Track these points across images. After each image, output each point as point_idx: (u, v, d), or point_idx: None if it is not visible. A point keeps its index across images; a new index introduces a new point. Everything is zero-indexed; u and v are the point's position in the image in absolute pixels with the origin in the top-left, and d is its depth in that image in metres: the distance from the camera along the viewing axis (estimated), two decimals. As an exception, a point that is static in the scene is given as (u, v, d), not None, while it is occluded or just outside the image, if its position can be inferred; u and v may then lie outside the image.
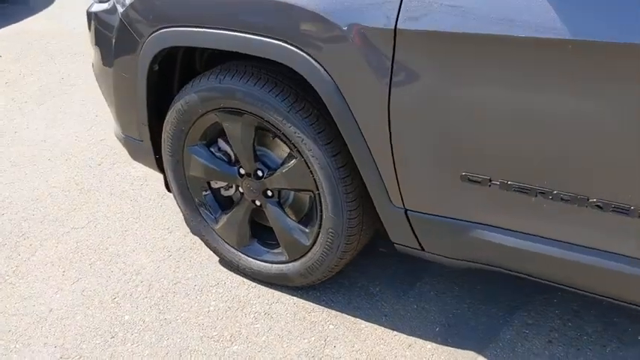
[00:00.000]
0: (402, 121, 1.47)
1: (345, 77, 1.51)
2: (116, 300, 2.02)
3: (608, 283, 1.44)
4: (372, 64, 1.45)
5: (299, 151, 1.72)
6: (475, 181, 1.45)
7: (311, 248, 1.86)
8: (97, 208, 2.53)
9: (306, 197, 1.89)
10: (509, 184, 1.41)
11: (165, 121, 1.96)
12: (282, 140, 1.77)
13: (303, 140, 1.68)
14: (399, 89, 1.44)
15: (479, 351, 1.77)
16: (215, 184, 2.05)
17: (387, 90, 1.45)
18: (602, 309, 1.88)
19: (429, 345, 1.80)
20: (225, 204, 2.07)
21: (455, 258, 1.64)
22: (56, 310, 1.98)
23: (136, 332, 1.89)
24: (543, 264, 1.48)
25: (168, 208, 2.50)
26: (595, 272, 1.41)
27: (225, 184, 2.03)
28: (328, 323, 1.89)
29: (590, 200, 1.32)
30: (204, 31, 1.69)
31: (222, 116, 1.83)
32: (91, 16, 2.08)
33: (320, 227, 1.80)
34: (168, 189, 2.21)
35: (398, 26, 1.37)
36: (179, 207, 2.14)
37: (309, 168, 1.73)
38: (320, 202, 1.76)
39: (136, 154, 2.23)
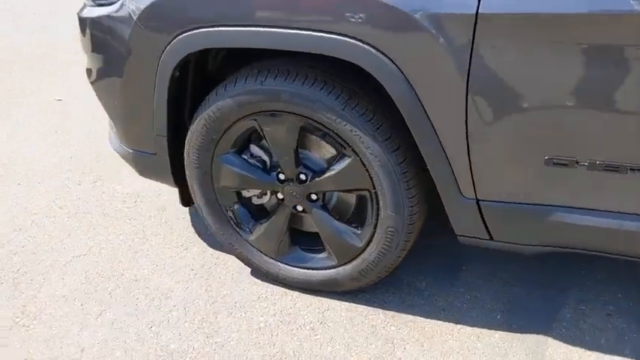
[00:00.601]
0: (480, 112, 1.42)
1: (416, 70, 1.43)
2: (153, 329, 1.85)
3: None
4: (449, 54, 1.38)
5: (354, 150, 1.63)
6: (561, 164, 1.43)
7: (365, 249, 1.78)
8: (95, 232, 2.32)
9: (351, 198, 1.80)
10: (598, 164, 1.40)
11: (191, 130, 1.80)
12: (331, 140, 1.67)
13: (360, 138, 1.59)
14: (478, 79, 1.38)
15: (546, 332, 1.77)
16: (247, 194, 1.92)
17: (465, 81, 1.39)
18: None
19: (497, 334, 1.77)
20: (257, 213, 1.94)
21: (528, 244, 1.61)
22: (89, 349, 1.79)
23: (188, 361, 1.74)
24: (630, 240, 1.48)
25: (173, 224, 2.33)
26: None
27: (258, 192, 1.90)
28: (389, 325, 1.82)
29: None
30: (249, 30, 1.56)
31: (262, 120, 1.70)
32: (87, 22, 1.88)
33: (376, 227, 1.72)
34: (186, 203, 2.06)
35: (480, 10, 1.32)
36: (205, 221, 1.99)
37: (364, 166, 1.64)
38: (377, 200, 1.68)
39: (146, 170, 2.05)
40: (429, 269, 2.02)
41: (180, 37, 1.64)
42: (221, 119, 1.73)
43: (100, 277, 2.08)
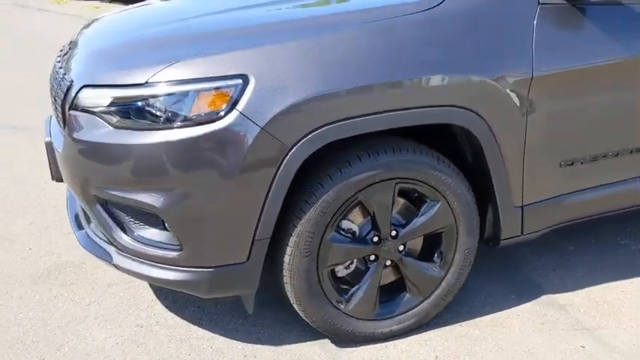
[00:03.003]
0: (532, 145, 2.11)
1: (496, 122, 2.04)
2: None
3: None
4: (515, 106, 2.05)
5: (444, 196, 2.09)
6: (570, 164, 2.23)
7: (446, 276, 2.22)
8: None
9: (420, 238, 2.22)
10: (592, 157, 2.25)
11: (304, 221, 1.94)
12: (422, 193, 2.09)
13: (450, 183, 2.08)
14: (531, 121, 2.08)
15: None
16: (337, 269, 2.12)
17: (525, 123, 2.07)
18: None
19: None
20: (345, 281, 2.15)
21: (547, 227, 2.34)
22: None
23: None
24: (612, 200, 2.36)
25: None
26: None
27: (344, 264, 2.12)
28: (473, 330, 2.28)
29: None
30: (372, 118, 1.89)
31: (365, 193, 1.99)
32: (193, 142, 1.81)
33: (455, 252, 2.20)
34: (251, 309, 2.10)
35: (534, 74, 2.03)
36: (302, 311, 2.08)
37: (450, 207, 2.12)
38: (457, 230, 2.17)
39: (222, 285, 2.00)
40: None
41: (311, 135, 1.83)
42: (338, 201, 1.95)
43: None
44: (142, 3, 2.85)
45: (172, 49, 1.96)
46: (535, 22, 2.05)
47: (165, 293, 2.50)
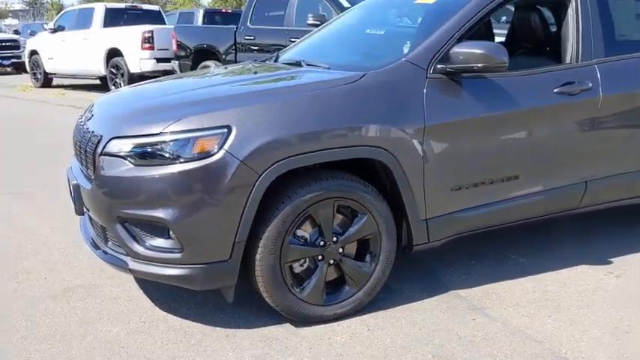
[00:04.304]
0: (429, 174, 3.01)
1: (403, 159, 2.93)
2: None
3: (521, 211, 3.35)
4: (416, 147, 2.96)
5: (369, 211, 2.95)
6: (458, 189, 3.14)
7: (374, 272, 3.04)
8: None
9: (354, 243, 3.04)
10: (473, 184, 3.17)
11: (270, 228, 2.75)
12: (353, 209, 2.94)
13: (373, 202, 2.95)
14: (427, 158, 2.99)
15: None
16: (295, 265, 2.92)
17: (422, 158, 2.99)
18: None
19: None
20: (300, 277, 2.94)
21: (448, 236, 3.21)
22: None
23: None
24: (493, 216, 3.27)
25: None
26: (515, 208, 3.31)
27: (300, 261, 2.92)
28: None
29: (510, 177, 3.23)
30: (316, 153, 2.76)
31: (314, 207, 2.83)
32: (193, 172, 2.63)
33: (379, 251, 3.03)
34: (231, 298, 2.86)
35: (426, 125, 2.97)
36: (268, 297, 2.85)
37: (374, 219, 2.98)
38: (380, 237, 3.01)
39: (211, 279, 2.76)
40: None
41: (274, 165, 2.68)
42: (294, 214, 2.78)
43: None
44: (141, 82, 3.74)
45: (177, 110, 2.81)
46: (425, 90, 3.01)
47: (161, 300, 3.22)
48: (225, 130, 2.67)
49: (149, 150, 2.71)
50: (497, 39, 4.56)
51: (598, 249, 3.89)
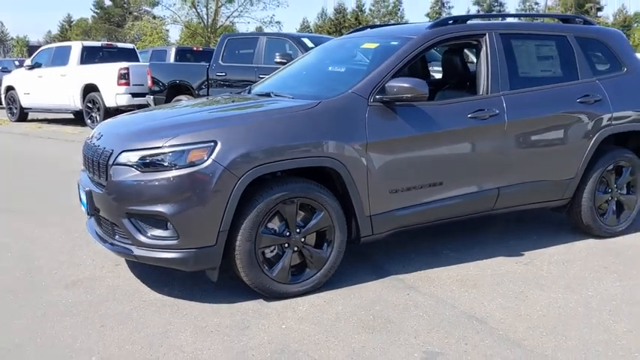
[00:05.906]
0: (371, 179, 3.85)
1: (351, 167, 3.77)
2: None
3: (447, 210, 4.20)
4: (360, 158, 3.81)
5: (325, 208, 3.77)
6: (395, 192, 3.98)
7: (329, 256, 3.84)
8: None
9: (314, 234, 3.84)
10: (406, 188, 4.02)
11: (247, 220, 3.54)
12: (312, 207, 3.75)
13: (328, 201, 3.76)
14: (369, 168, 3.84)
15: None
16: (267, 251, 3.69)
17: (366, 167, 3.83)
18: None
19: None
20: (271, 261, 3.72)
21: (388, 230, 4.03)
22: None
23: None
24: (427, 213, 4.11)
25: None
26: (442, 208, 4.16)
27: (271, 248, 3.70)
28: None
29: (436, 183, 4.10)
30: (282, 161, 3.58)
31: (282, 205, 3.63)
32: (187, 176, 3.40)
33: (333, 241, 3.83)
34: (215, 278, 3.62)
35: (368, 141, 3.82)
36: (245, 276, 3.61)
37: (329, 214, 3.79)
38: (334, 229, 3.82)
39: (201, 261, 3.52)
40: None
41: (250, 171, 3.49)
42: (265, 209, 3.57)
43: None
44: (136, 110, 4.54)
45: (174, 129, 3.60)
46: (366, 115, 3.88)
47: (156, 287, 3.95)
48: (212, 143, 3.47)
49: (152, 160, 3.49)
50: (437, 75, 5.54)
51: (514, 244, 4.79)
